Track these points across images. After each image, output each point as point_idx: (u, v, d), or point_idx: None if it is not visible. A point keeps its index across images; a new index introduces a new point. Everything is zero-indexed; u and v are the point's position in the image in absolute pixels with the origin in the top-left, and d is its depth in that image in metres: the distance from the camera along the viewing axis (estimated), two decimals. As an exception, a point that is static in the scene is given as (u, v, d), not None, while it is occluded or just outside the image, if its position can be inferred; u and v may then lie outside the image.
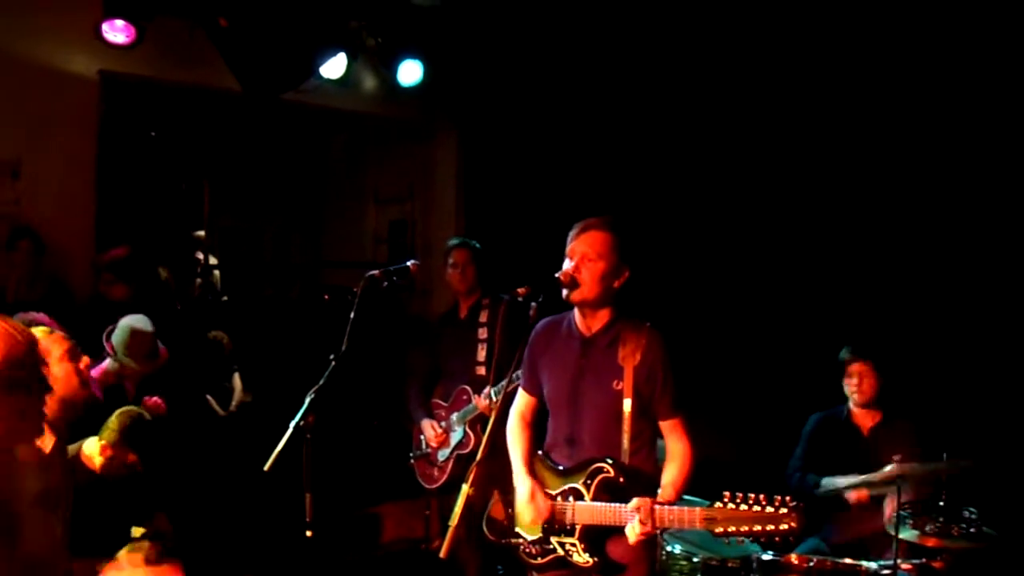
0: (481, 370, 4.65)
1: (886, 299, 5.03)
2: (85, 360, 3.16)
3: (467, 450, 4.62)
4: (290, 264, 9.88)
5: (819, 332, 4.92)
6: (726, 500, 2.81)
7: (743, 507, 2.77)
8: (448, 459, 4.71)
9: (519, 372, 3.39)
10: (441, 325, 5.02)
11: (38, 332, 2.99)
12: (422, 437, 4.82)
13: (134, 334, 4.25)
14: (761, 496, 2.77)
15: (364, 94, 6.59)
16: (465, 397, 4.65)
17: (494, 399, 4.36)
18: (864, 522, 4.06)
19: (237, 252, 9.42)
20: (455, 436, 4.69)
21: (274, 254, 10.04)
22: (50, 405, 2.76)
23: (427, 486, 4.85)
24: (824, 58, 5.09)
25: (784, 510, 2.73)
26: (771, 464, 4.46)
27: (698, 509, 2.87)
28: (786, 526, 2.72)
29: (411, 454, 4.91)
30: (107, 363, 4.32)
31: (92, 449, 3.52)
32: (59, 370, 2.99)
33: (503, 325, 4.30)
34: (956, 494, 3.59)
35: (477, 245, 4.87)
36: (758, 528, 2.74)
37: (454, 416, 4.70)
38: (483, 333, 4.68)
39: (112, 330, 4.33)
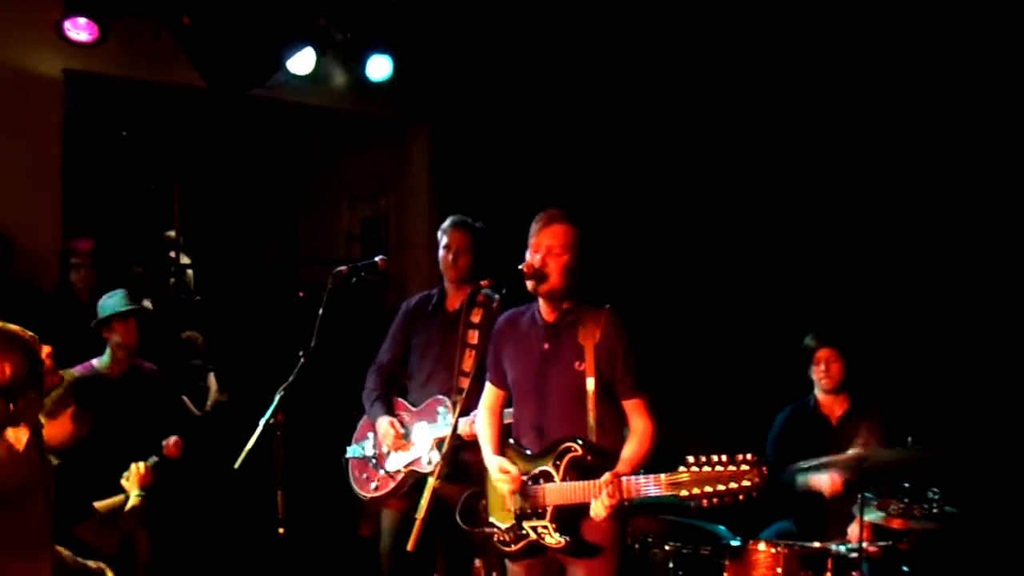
0: (465, 382, 3.70)
1: (851, 285, 5.08)
2: (47, 348, 3.11)
3: (424, 470, 3.96)
4: (264, 262, 9.84)
5: (786, 318, 4.96)
6: (690, 463, 2.84)
7: (706, 468, 2.81)
8: (399, 471, 4.07)
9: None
10: (420, 311, 4.24)
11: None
12: (370, 435, 4.17)
13: (109, 295, 4.39)
14: (723, 456, 2.80)
15: (334, 90, 6.55)
16: (441, 409, 4.02)
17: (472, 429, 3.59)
18: (834, 511, 4.09)
19: (210, 251, 9.36)
20: (417, 450, 4.02)
21: (248, 253, 9.98)
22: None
23: (360, 491, 4.20)
24: (788, 41, 5.13)
25: (746, 467, 2.77)
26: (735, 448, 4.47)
27: (663, 475, 2.89)
28: (748, 482, 2.76)
29: (349, 449, 4.26)
30: (102, 357, 4.38)
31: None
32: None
33: (483, 324, 3.92)
34: (919, 475, 3.64)
35: (479, 225, 4.15)
36: (722, 487, 2.77)
37: (421, 424, 4.04)
38: (473, 337, 3.95)
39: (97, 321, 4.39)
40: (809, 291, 5.16)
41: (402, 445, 4.03)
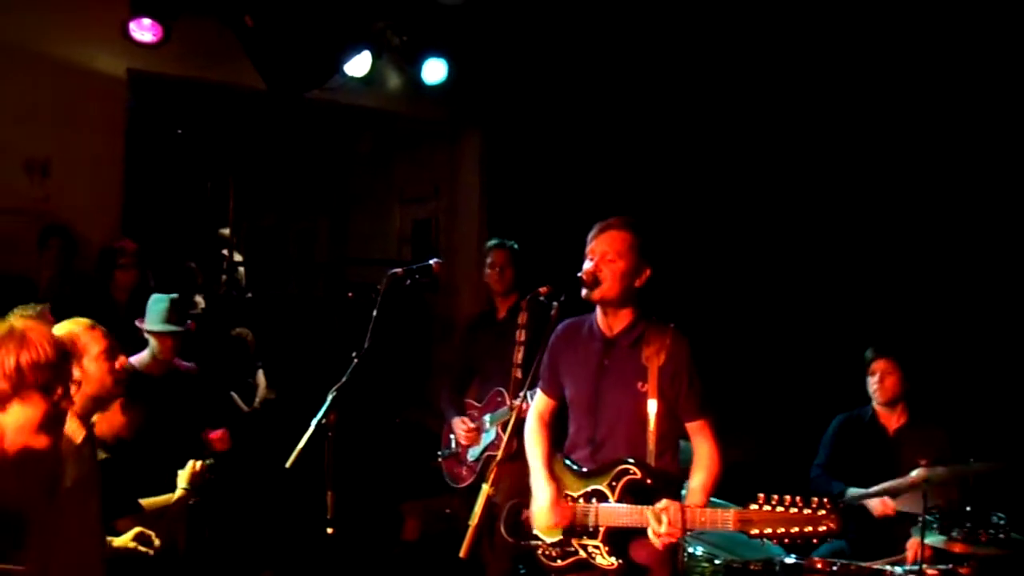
0: (518, 373, 4.39)
1: (915, 301, 4.98)
2: (122, 360, 3.17)
3: (497, 451, 4.49)
4: (315, 262, 9.93)
5: (847, 333, 4.87)
6: (761, 502, 2.77)
7: (779, 509, 2.74)
8: (478, 459, 4.63)
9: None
10: (477, 325, 4.96)
11: (80, 325, 3.07)
12: (452, 436, 4.75)
13: (157, 300, 4.42)
14: (797, 498, 2.74)
15: (389, 93, 6.60)
16: (499, 399, 4.58)
17: (528, 402, 4.00)
18: (889, 530, 4.01)
19: (262, 250, 9.47)
20: (486, 436, 4.61)
21: (299, 252, 10.09)
22: (81, 400, 2.92)
23: (454, 485, 4.78)
24: (849, 59, 5.04)
25: (822, 512, 2.70)
26: (793, 465, 4.41)
27: (732, 511, 2.83)
28: (825, 527, 2.69)
29: (439, 452, 4.84)
30: (142, 354, 4.40)
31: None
32: (93, 368, 3.01)
33: (528, 325, 4.31)
34: (984, 499, 3.54)
35: (516, 246, 4.83)
36: (796, 530, 2.71)
37: (486, 417, 4.62)
38: (521, 335, 4.38)
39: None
40: (874, 305, 5.06)
41: (474, 438, 4.65)
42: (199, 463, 3.89)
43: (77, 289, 5.23)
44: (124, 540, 3.46)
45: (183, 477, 3.87)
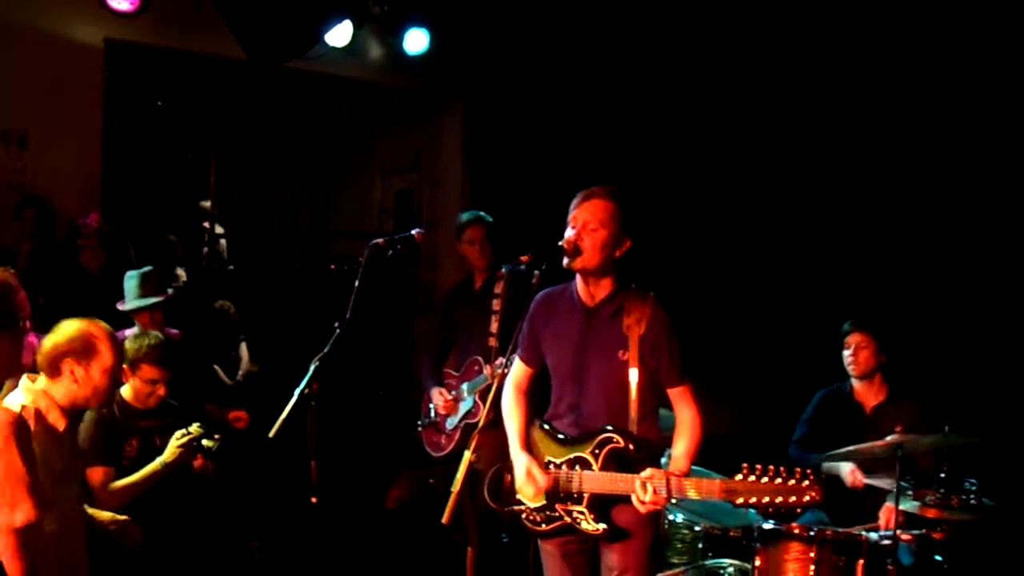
0: (494, 341, 4.57)
1: (894, 276, 5.02)
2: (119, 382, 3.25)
3: (475, 419, 4.56)
4: (296, 234, 9.89)
5: (826, 307, 4.91)
6: (745, 472, 2.81)
7: (764, 479, 2.79)
8: (456, 428, 4.70)
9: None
10: (454, 296, 5.00)
11: (103, 331, 3.09)
12: (431, 405, 4.82)
13: (129, 278, 4.44)
14: (781, 468, 2.79)
15: (370, 63, 6.56)
16: (476, 367, 4.64)
17: (506, 370, 4.21)
18: (864, 502, 4.06)
19: (243, 222, 9.43)
20: (464, 405, 4.67)
21: (280, 224, 10.05)
22: (69, 396, 3.01)
23: (433, 454, 4.85)
24: (823, 30, 5.06)
25: (806, 482, 2.76)
26: (774, 439, 4.45)
27: (717, 481, 2.87)
28: (808, 497, 2.75)
29: (419, 422, 4.91)
30: (132, 330, 4.41)
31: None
32: (97, 377, 3.03)
33: (506, 294, 4.42)
34: (957, 466, 3.60)
35: (490, 219, 4.83)
36: (780, 500, 2.76)
37: (464, 386, 4.69)
38: (497, 305, 4.62)
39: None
40: (850, 279, 5.10)
41: (452, 407, 4.70)
42: (185, 435, 3.88)
43: (53, 262, 5.19)
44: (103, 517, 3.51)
45: (170, 447, 3.88)
